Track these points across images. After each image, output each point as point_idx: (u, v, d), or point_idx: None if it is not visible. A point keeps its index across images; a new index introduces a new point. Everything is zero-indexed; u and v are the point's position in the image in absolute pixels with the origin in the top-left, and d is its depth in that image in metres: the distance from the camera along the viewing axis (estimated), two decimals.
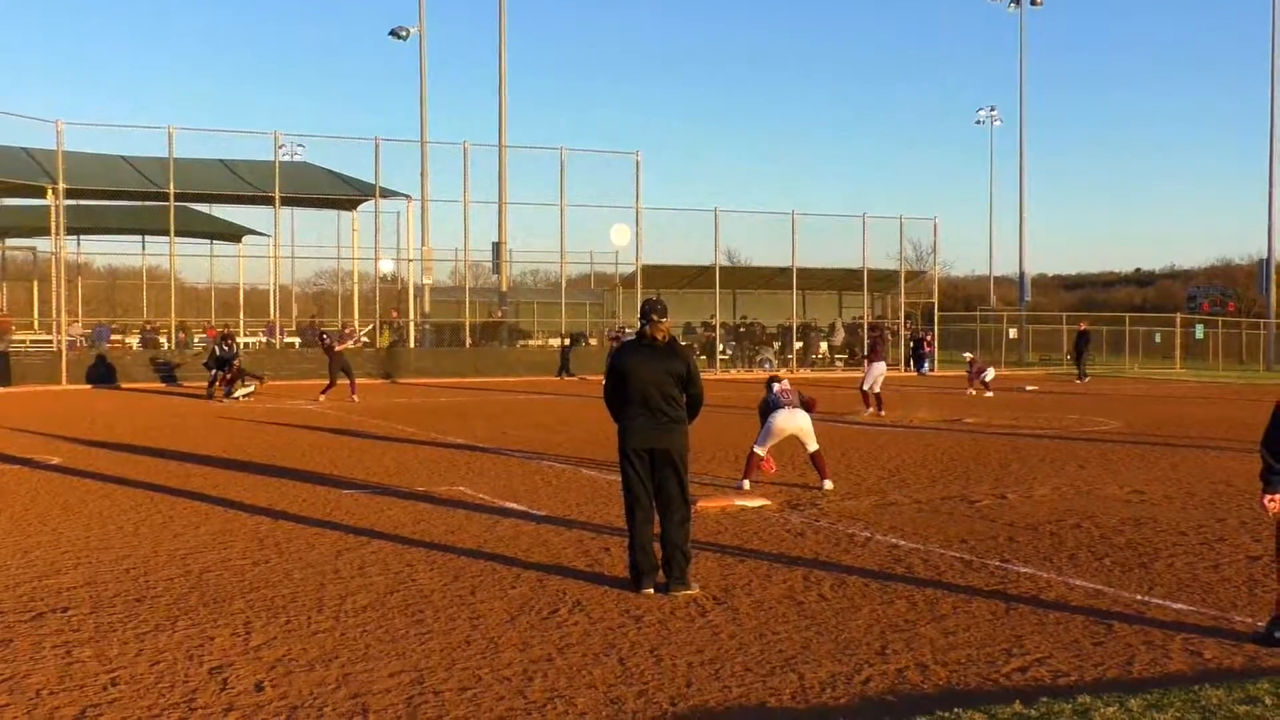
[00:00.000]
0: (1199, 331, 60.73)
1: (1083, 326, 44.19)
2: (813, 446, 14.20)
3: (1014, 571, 9.30)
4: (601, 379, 9.28)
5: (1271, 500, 7.43)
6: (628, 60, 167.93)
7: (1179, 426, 23.01)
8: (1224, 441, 19.77)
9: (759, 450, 14.07)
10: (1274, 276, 62.48)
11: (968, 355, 36.63)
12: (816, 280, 48.72)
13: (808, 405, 14.37)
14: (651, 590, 8.50)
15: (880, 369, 25.23)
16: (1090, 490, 13.83)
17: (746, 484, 13.87)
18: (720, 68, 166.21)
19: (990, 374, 33.47)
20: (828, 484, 13.92)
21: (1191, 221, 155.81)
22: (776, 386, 14.61)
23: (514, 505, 12.54)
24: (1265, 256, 63.79)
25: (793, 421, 14.07)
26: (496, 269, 47.78)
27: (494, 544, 10.39)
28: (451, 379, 38.08)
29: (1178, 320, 59.92)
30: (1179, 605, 8.18)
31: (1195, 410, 28.10)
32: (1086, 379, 41.03)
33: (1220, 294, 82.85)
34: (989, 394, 32.26)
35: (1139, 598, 8.42)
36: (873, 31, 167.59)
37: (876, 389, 25.09)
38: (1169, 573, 9.29)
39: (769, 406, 14.28)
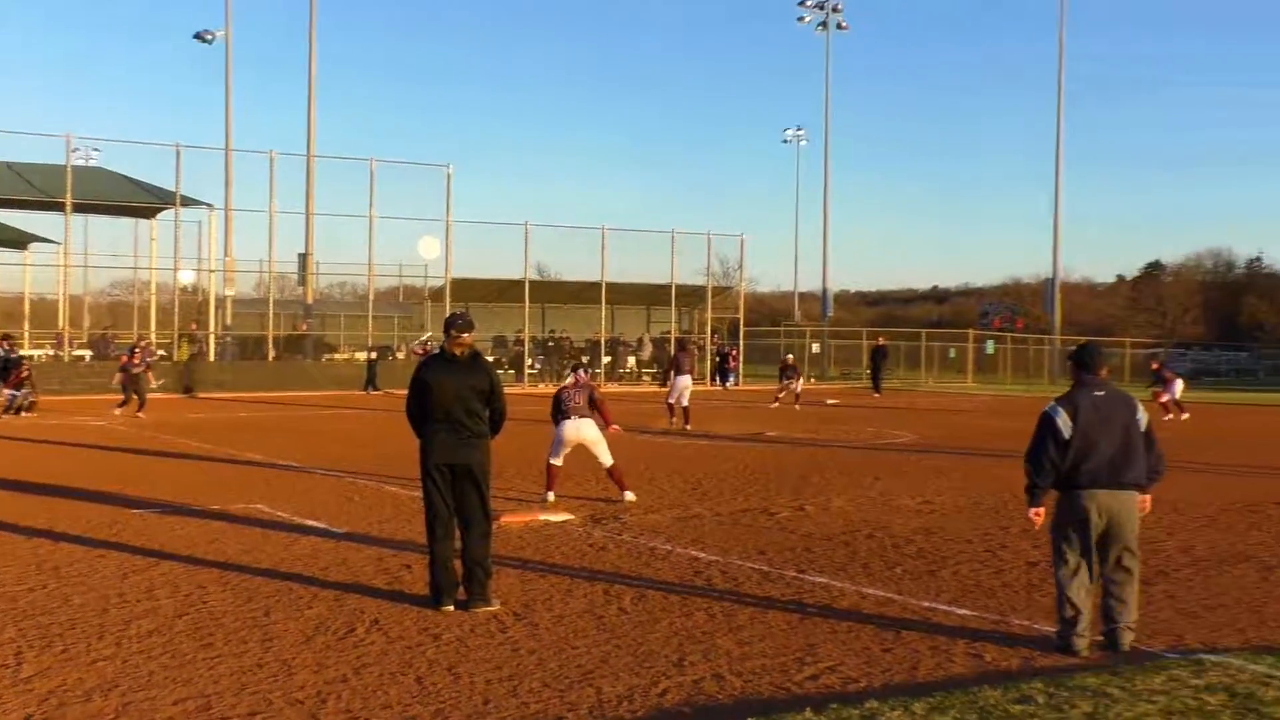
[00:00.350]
0: (990, 347, 63.15)
1: (880, 342, 45.50)
2: (606, 460, 14.06)
3: (810, 581, 9.52)
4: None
5: (1035, 514, 7.69)
6: (441, 72, 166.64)
7: (969, 438, 23.90)
8: (1010, 452, 20.59)
9: (554, 461, 14.08)
10: (1059, 295, 65.53)
11: (789, 357, 37.04)
12: (625, 295, 49.08)
13: (593, 401, 14.14)
14: (451, 607, 8.43)
15: (684, 382, 25.56)
16: (884, 501, 14.25)
17: (550, 496, 13.88)
18: (533, 82, 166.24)
19: (799, 384, 34.38)
20: (629, 495, 13.96)
21: (986, 242, 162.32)
22: (570, 379, 14.53)
23: (314, 523, 12.28)
24: (1051, 276, 66.89)
25: (578, 433, 13.94)
26: (302, 281, 46.74)
27: (291, 563, 10.15)
28: (253, 393, 37.05)
29: (970, 336, 62.23)
30: (963, 610, 8.49)
31: (985, 422, 29.23)
32: (879, 393, 42.22)
33: (1010, 311, 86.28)
34: (796, 406, 32.98)
35: (926, 604, 8.71)
36: (685, 51, 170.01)
37: (683, 402, 25.41)
38: (955, 579, 9.64)
39: (556, 409, 14.15)
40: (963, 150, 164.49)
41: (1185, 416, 29.38)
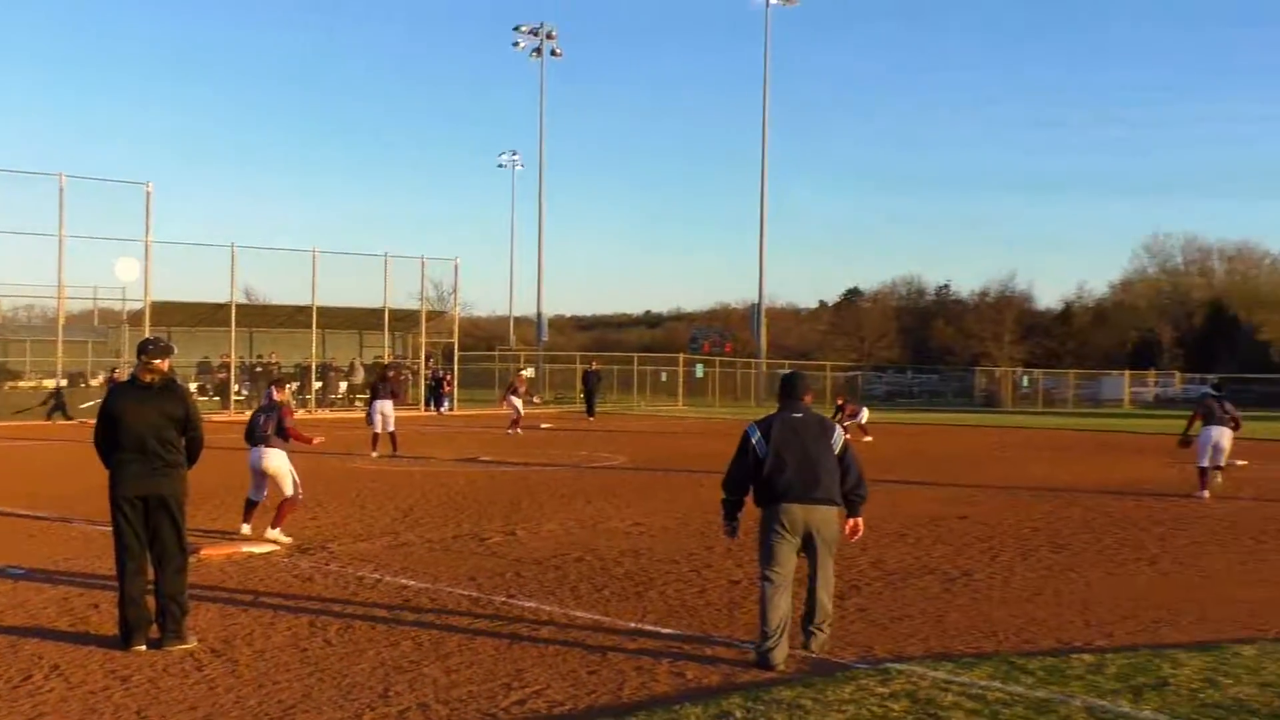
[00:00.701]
0: (699, 371, 64.96)
1: (593, 366, 46.13)
2: (286, 491, 13.14)
3: (519, 606, 9.55)
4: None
5: (727, 528, 8.22)
6: (138, 85, 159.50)
7: (678, 460, 24.49)
8: (716, 472, 21.20)
9: (250, 495, 13.42)
10: (764, 320, 68.03)
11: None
12: (338, 319, 48.11)
13: (281, 428, 13.23)
14: (143, 647, 8.04)
15: (385, 408, 25.21)
16: (595, 524, 14.45)
17: (245, 528, 13.24)
18: (238, 101, 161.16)
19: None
20: (277, 533, 12.83)
21: (696, 268, 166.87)
22: (278, 394, 13.58)
23: None
24: (757, 301, 69.38)
25: (260, 461, 13.21)
26: None
27: None
28: None
29: (681, 360, 63.84)
30: (668, 630, 8.69)
31: (693, 444, 30.01)
32: (592, 416, 42.74)
33: (719, 336, 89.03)
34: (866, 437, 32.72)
35: (633, 625, 8.87)
36: (401, 75, 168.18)
37: (390, 428, 25.04)
38: (661, 600, 9.86)
39: (249, 434, 13.44)
40: (673, 177, 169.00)
41: (868, 439, 30.75)
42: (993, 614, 9.30)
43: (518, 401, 34.81)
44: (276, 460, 13.20)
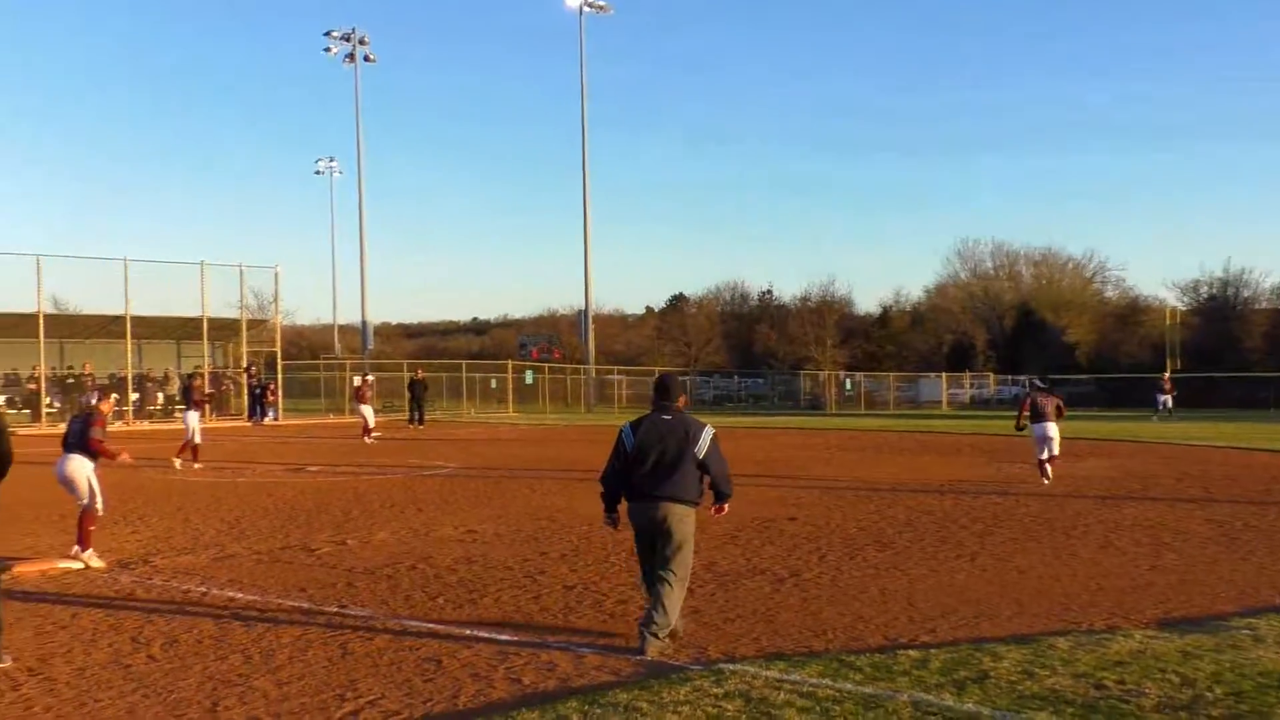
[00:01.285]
0: (529, 377, 64.85)
1: (418, 375, 45.67)
2: (82, 500, 12.35)
3: (352, 616, 9.42)
4: None
5: (607, 520, 8.69)
6: None
7: (510, 467, 24.42)
8: (549, 479, 21.23)
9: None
10: (591, 326, 68.29)
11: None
12: (154, 328, 46.70)
13: (84, 436, 12.44)
14: None
15: (187, 418, 24.64)
16: (428, 532, 14.32)
17: (86, 552, 12.14)
18: (41, 101, 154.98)
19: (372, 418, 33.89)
20: (87, 554, 12.05)
21: (522, 274, 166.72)
22: (97, 400, 12.92)
23: None
24: (584, 307, 69.61)
25: (61, 468, 12.43)
26: None
27: None
28: None
29: (510, 367, 63.64)
30: (504, 636, 8.67)
31: (525, 451, 29.96)
32: (422, 424, 42.26)
33: (547, 342, 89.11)
34: (369, 440, 32.46)
35: (468, 632, 8.83)
36: (213, 74, 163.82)
37: (190, 439, 24.41)
38: (496, 606, 9.83)
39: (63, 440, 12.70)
40: (496, 183, 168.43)
41: None
42: (822, 613, 9.53)
43: (367, 409, 34.08)
44: (76, 467, 12.37)
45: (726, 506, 8.91)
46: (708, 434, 8.46)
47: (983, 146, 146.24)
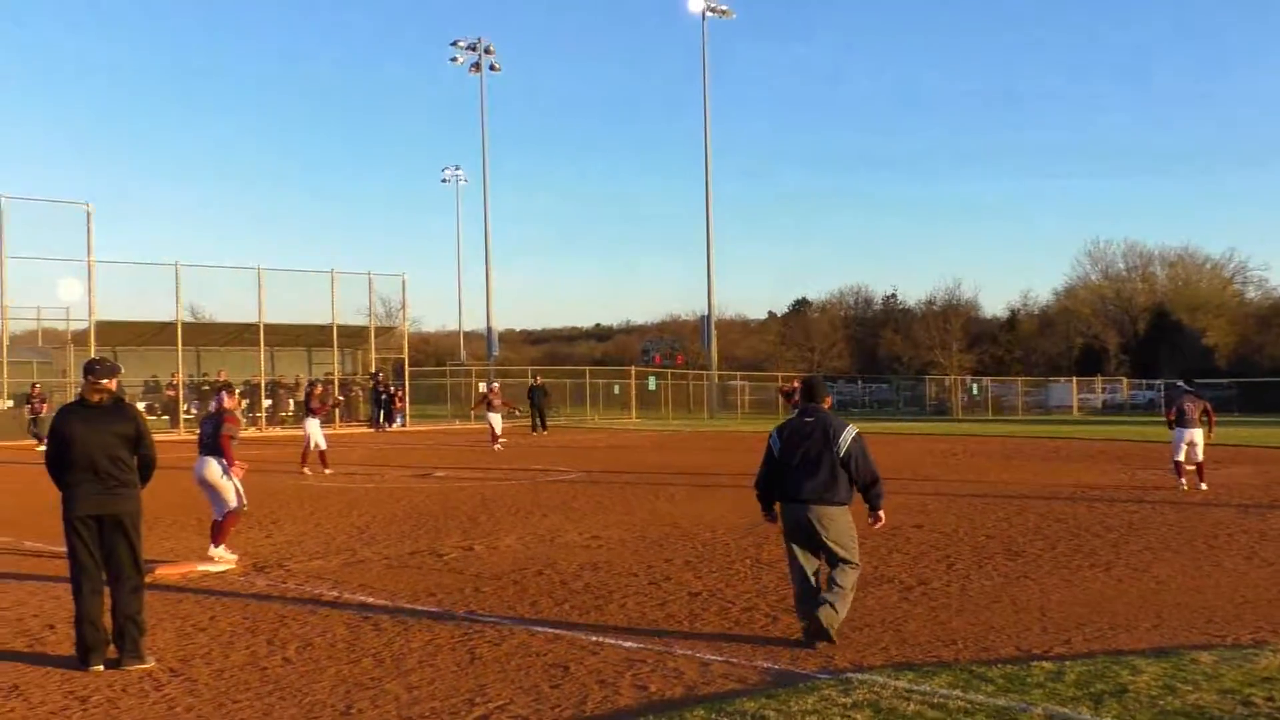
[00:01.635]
0: (651, 383, 65.02)
1: (537, 381, 46.03)
2: (216, 511, 12.70)
3: (479, 622, 9.51)
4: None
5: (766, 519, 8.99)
6: (79, 106, 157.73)
7: (634, 472, 24.48)
8: (673, 484, 21.24)
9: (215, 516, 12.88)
10: (714, 332, 68.22)
11: None
12: (285, 336, 47.81)
13: (219, 421, 12.79)
14: (101, 667, 7.96)
15: (312, 426, 24.87)
16: (553, 538, 14.41)
17: (216, 549, 12.61)
18: (179, 117, 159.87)
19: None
20: (219, 550, 12.49)
21: (645, 280, 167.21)
22: (228, 400, 13.16)
23: None
24: (707, 313, 69.56)
25: (201, 470, 12.69)
26: None
27: None
28: None
29: (633, 372, 63.88)
30: (630, 643, 8.67)
31: (647, 457, 30.02)
32: (544, 430, 42.56)
33: (670, 347, 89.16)
34: (497, 446, 32.67)
35: (594, 639, 8.85)
36: (341, 85, 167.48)
37: (315, 446, 24.75)
38: (621, 613, 9.84)
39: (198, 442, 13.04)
40: (620, 189, 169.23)
41: None
42: (951, 622, 9.37)
43: (494, 416, 34.04)
44: (213, 470, 12.70)
45: (882, 515, 8.92)
46: (849, 433, 8.62)
47: (1119, 145, 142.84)
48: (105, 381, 8.44)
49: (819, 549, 8.53)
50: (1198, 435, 19.25)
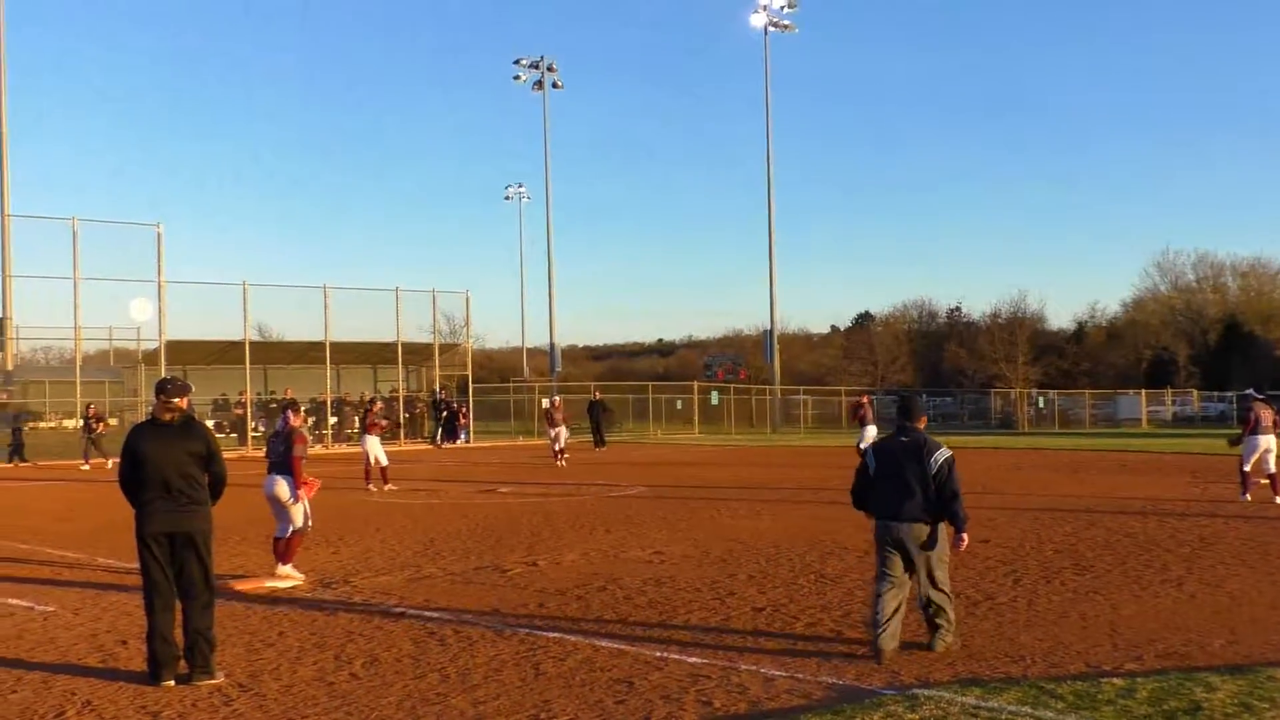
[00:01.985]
0: (714, 398, 64.94)
1: (596, 396, 46.06)
2: (296, 523, 12.80)
3: (543, 637, 9.53)
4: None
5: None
6: (149, 126, 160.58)
7: (696, 488, 24.45)
8: (735, 500, 21.19)
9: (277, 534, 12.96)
10: (777, 346, 68.01)
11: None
12: (351, 354, 48.25)
13: (289, 440, 12.87)
14: (172, 682, 8.08)
15: (371, 443, 25.05)
16: (616, 553, 14.42)
17: (284, 568, 12.73)
18: (245, 137, 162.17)
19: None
20: (286, 568, 12.64)
21: (707, 295, 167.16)
22: (294, 419, 13.21)
23: (17, 601, 11.54)
24: (769, 327, 69.37)
25: (272, 488, 12.83)
26: (0, 346, 44.13)
27: None
28: None
29: (695, 388, 63.82)
30: (694, 659, 8.66)
31: (711, 473, 29.97)
32: (603, 446, 42.53)
33: (733, 362, 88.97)
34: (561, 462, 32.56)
35: (659, 654, 8.84)
36: (404, 104, 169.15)
37: (374, 463, 24.93)
38: (685, 628, 9.83)
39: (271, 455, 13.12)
40: (681, 203, 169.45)
41: None
42: (1018, 638, 9.26)
43: (559, 431, 33.86)
44: (283, 488, 12.80)
45: (965, 537, 8.95)
46: (941, 455, 8.78)
47: (1183, 153, 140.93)
48: (177, 400, 8.57)
49: (911, 567, 8.69)
50: (1272, 443, 18.93)
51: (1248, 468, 19.10)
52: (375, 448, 25.00)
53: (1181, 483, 24.10)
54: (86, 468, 33.74)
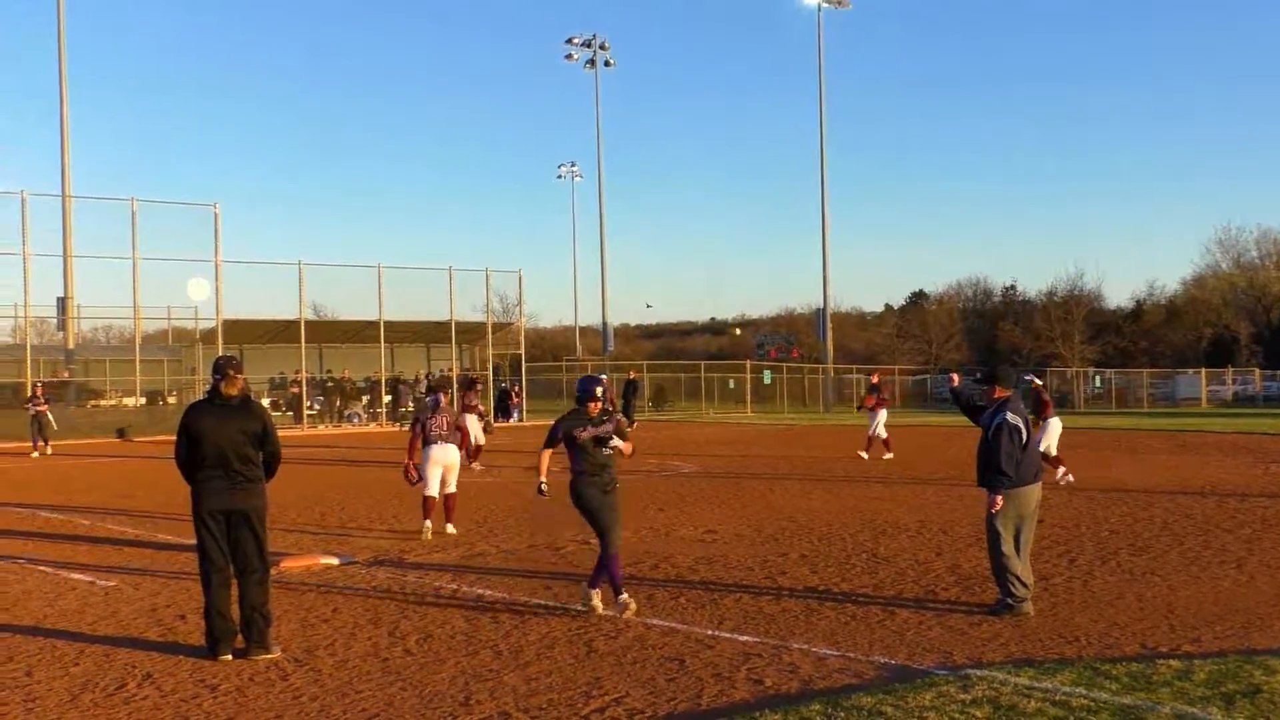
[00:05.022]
0: (767, 377, 64.78)
1: (631, 375, 45.93)
2: (450, 488, 14.63)
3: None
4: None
5: (999, 499, 9.40)
6: (206, 107, 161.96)
7: (749, 467, 24.41)
8: (788, 479, 21.14)
9: (428, 492, 14.41)
10: (829, 325, 67.67)
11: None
12: (404, 333, 48.52)
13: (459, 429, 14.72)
14: (229, 656, 8.19)
15: (471, 420, 25.21)
16: (668, 532, 14.44)
17: (427, 524, 14.27)
18: (300, 118, 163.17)
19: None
20: (450, 528, 14.49)
21: (759, 273, 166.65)
22: (444, 399, 14.83)
23: (79, 576, 11.74)
24: (822, 306, 69.01)
25: (444, 456, 14.45)
26: (62, 325, 44.79)
27: (56, 619, 9.69)
28: (13, 443, 35.12)
29: (748, 366, 63.70)
30: (745, 637, 8.66)
31: (762, 451, 29.89)
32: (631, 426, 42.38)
33: (785, 341, 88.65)
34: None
35: (710, 633, 8.86)
36: (457, 85, 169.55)
37: (481, 440, 25.10)
38: (737, 607, 9.83)
39: (416, 425, 14.47)
40: (733, 183, 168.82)
41: (889, 456, 25.74)
42: (1073, 619, 9.19)
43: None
44: (457, 457, 14.67)
45: (998, 499, 9.34)
46: (999, 418, 9.39)
47: (1246, 128, 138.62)
48: (237, 379, 8.66)
49: (1026, 529, 9.47)
50: None
51: None
52: (474, 427, 25.18)
53: (1243, 464, 23.78)
54: (36, 455, 31.11)
